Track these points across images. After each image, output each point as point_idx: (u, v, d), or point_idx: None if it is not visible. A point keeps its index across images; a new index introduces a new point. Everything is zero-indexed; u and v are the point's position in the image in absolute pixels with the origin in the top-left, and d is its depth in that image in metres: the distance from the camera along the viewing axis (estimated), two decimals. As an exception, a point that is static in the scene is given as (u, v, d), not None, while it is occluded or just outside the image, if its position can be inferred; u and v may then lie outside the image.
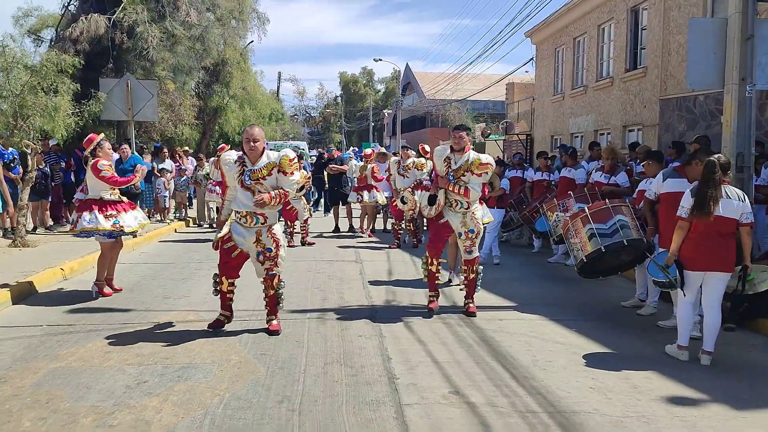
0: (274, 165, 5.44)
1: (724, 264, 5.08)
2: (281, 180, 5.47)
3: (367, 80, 67.97)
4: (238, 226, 5.57)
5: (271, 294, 5.68)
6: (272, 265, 5.61)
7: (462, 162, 6.32)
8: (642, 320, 6.43)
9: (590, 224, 6.61)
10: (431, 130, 43.37)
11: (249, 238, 5.54)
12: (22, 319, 6.16)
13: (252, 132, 5.39)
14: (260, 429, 3.73)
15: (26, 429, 3.71)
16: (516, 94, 25.85)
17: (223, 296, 5.78)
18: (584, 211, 6.75)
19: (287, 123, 45.46)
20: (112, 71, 14.47)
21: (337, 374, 4.67)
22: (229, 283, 5.74)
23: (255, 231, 5.53)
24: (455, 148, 6.37)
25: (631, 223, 6.52)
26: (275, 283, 5.67)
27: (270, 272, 5.62)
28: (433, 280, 6.56)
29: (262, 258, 5.59)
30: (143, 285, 7.75)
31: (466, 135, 6.37)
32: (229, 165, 5.53)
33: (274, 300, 5.70)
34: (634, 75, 14.72)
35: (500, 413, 4.00)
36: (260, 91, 27.30)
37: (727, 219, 5.04)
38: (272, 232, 5.58)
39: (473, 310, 6.44)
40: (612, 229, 6.46)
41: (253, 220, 5.48)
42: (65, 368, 4.73)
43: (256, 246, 5.56)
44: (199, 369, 4.74)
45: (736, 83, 6.88)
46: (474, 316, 6.33)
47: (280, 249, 5.62)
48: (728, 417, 4.01)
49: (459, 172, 6.31)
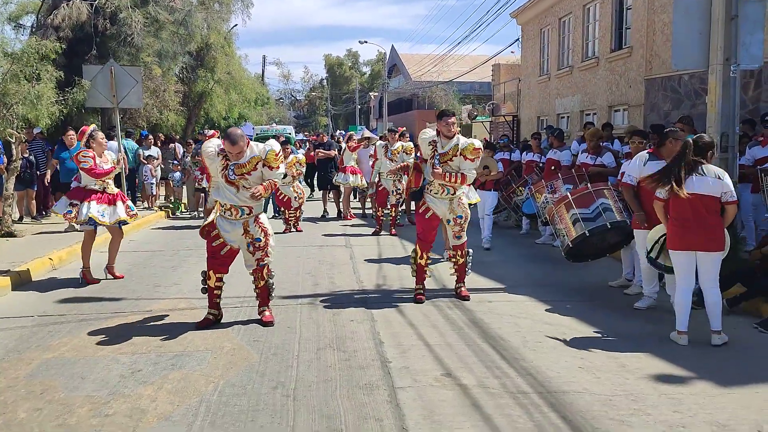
0: (260, 159, 5.32)
1: (710, 243, 5.10)
2: (267, 174, 5.39)
3: (352, 63, 67.58)
4: (223, 221, 5.46)
5: (262, 285, 5.62)
6: (263, 255, 5.54)
7: (450, 147, 6.18)
8: (629, 300, 6.52)
9: (573, 209, 6.71)
10: (418, 113, 43.25)
11: (236, 230, 5.46)
12: (12, 309, 6.15)
13: (230, 140, 5.14)
14: (256, 415, 3.78)
15: (22, 420, 3.72)
16: (502, 76, 25.83)
17: (211, 293, 5.58)
18: (567, 196, 6.84)
19: (273, 107, 45.15)
20: (96, 58, 14.28)
21: (330, 359, 4.72)
22: (217, 279, 5.56)
23: (242, 223, 5.44)
24: (447, 135, 6.22)
25: (614, 206, 6.60)
26: (265, 273, 5.61)
27: (261, 262, 5.55)
28: (421, 273, 6.47)
29: (252, 249, 5.51)
30: (133, 273, 7.74)
31: (455, 120, 6.29)
32: (211, 158, 5.36)
33: (265, 291, 5.65)
34: (619, 55, 14.76)
35: (492, 394, 4.07)
36: (245, 75, 27.08)
37: (704, 196, 5.05)
38: (259, 222, 5.51)
39: (466, 294, 6.44)
40: (595, 213, 6.57)
41: (238, 212, 5.39)
42: (58, 358, 4.74)
43: (245, 237, 5.48)
44: (192, 357, 4.77)
45: (720, 63, 6.93)
46: (468, 300, 6.34)
47: (269, 238, 5.56)
48: (714, 394, 4.11)
49: (446, 156, 6.18)
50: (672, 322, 5.72)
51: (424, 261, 6.43)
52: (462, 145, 6.17)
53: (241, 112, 27.01)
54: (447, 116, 6.29)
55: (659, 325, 5.62)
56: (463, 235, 6.44)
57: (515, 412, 3.82)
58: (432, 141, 6.29)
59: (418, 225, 6.54)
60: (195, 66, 20.93)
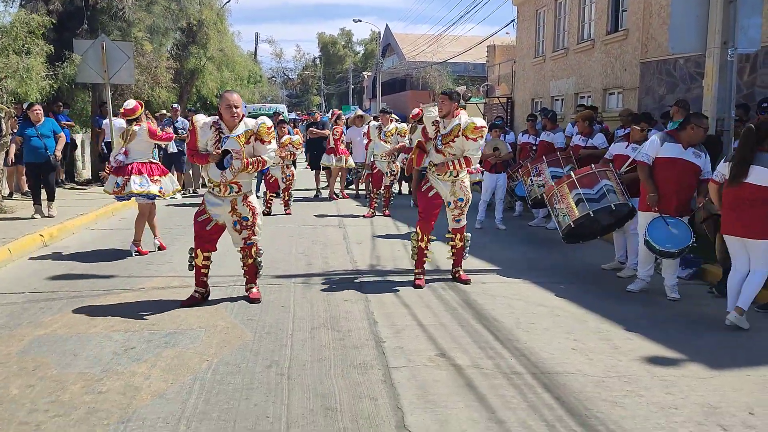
0: (252, 133, 5.30)
1: (761, 232, 5.04)
2: (258, 148, 5.35)
3: (346, 42, 67.03)
4: (212, 197, 5.42)
5: (250, 263, 5.60)
6: (250, 234, 5.50)
7: (452, 126, 6.03)
8: (622, 282, 6.54)
9: (577, 189, 6.69)
10: (412, 93, 43.03)
11: (224, 207, 5.40)
12: (2, 286, 6.10)
13: (232, 98, 5.24)
14: (250, 393, 3.77)
15: (14, 396, 3.70)
16: (497, 57, 25.67)
17: (198, 271, 5.55)
18: (571, 176, 6.83)
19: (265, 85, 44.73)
20: (87, 32, 14.04)
21: (325, 338, 4.72)
22: (204, 257, 5.52)
23: (230, 200, 5.38)
24: (439, 113, 6.14)
25: (617, 188, 6.60)
26: (254, 251, 5.58)
27: (248, 241, 5.52)
28: (421, 256, 6.32)
29: (239, 227, 5.46)
30: (125, 250, 7.68)
31: (449, 100, 6.07)
32: (203, 129, 5.31)
33: (253, 269, 5.63)
34: (615, 38, 14.67)
35: (485, 375, 4.08)
36: (238, 52, 26.71)
37: (761, 187, 4.99)
38: (248, 201, 5.45)
39: (466, 278, 6.36)
40: (599, 194, 6.56)
41: (227, 189, 5.32)
42: (51, 335, 4.72)
43: (232, 215, 5.42)
44: (186, 335, 4.76)
45: (718, 47, 6.92)
46: (468, 283, 6.27)
47: (257, 217, 5.51)
48: (706, 376, 4.14)
49: (448, 137, 6.04)
50: (665, 305, 5.78)
51: (424, 243, 6.29)
52: (463, 125, 6.00)
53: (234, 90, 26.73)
54: (442, 94, 6.18)
55: (652, 308, 5.66)
56: (463, 218, 6.34)
57: (509, 392, 3.83)
58: (435, 121, 6.18)
59: (420, 204, 6.41)
60: (187, 43, 20.63)
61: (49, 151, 9.29)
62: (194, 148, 5.39)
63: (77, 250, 7.73)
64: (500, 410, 3.59)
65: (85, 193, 12.59)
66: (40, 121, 9.48)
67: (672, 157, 5.82)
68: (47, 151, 9.26)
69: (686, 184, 5.87)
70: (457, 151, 6.08)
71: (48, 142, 9.34)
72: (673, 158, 5.81)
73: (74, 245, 8.01)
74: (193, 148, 5.40)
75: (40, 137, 9.31)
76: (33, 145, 9.36)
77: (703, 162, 5.86)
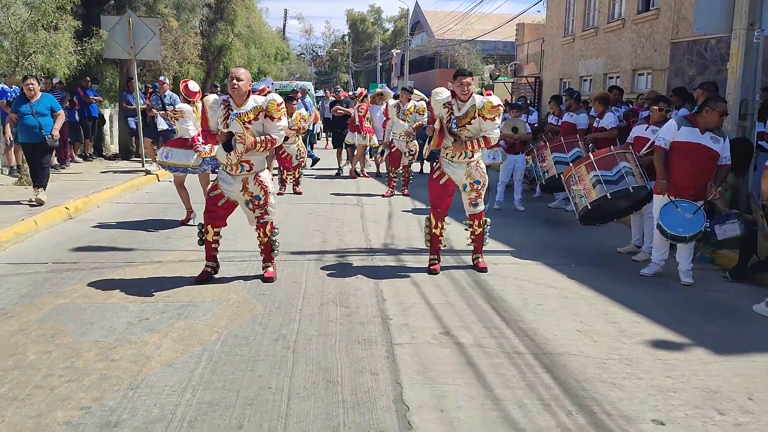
0: (261, 109, 5.25)
1: None
2: (268, 125, 5.29)
3: (375, 19, 66.47)
4: (225, 174, 5.42)
5: (265, 242, 5.61)
6: (262, 213, 5.49)
7: (467, 108, 5.72)
8: (637, 266, 6.50)
9: (595, 171, 6.65)
10: (440, 71, 42.68)
11: (235, 185, 5.39)
12: (27, 256, 6.32)
13: (236, 71, 5.21)
14: (255, 365, 3.88)
15: (31, 362, 3.87)
16: (526, 35, 25.32)
17: (209, 246, 5.59)
18: (589, 157, 6.80)
19: (293, 62, 44.82)
20: (114, 8, 14.24)
21: (333, 314, 4.81)
22: (214, 233, 5.56)
23: (241, 179, 5.36)
24: (462, 98, 5.74)
25: (635, 170, 6.54)
26: (268, 230, 5.57)
27: (261, 220, 5.51)
28: (435, 243, 6.14)
29: (251, 206, 5.46)
30: (148, 224, 7.88)
31: (471, 79, 5.80)
32: (213, 108, 5.33)
33: (268, 248, 5.63)
34: (646, 17, 14.38)
35: (487, 353, 4.14)
36: (265, 29, 26.81)
37: None
38: (259, 179, 5.41)
39: (483, 266, 6.11)
40: (618, 176, 6.52)
41: (238, 168, 5.30)
42: (69, 304, 4.89)
43: (244, 194, 5.41)
44: (199, 307, 4.89)
45: (744, 28, 6.77)
46: (485, 271, 6.03)
47: (269, 196, 5.48)
48: (709, 361, 4.13)
49: (464, 119, 5.74)
50: (677, 290, 5.75)
51: (438, 230, 6.10)
52: (479, 105, 5.69)
53: (261, 67, 26.81)
54: (462, 76, 5.77)
55: (664, 292, 5.64)
56: (480, 202, 6.08)
57: (508, 371, 3.88)
58: (447, 103, 5.84)
59: (431, 192, 6.12)
60: (215, 19, 20.75)
61: (45, 130, 8.50)
62: (207, 129, 5.43)
63: (101, 222, 7.94)
64: (498, 388, 3.65)
65: (112, 167, 12.85)
66: (36, 97, 8.64)
67: (688, 142, 5.74)
68: (42, 130, 8.47)
69: (702, 168, 5.78)
70: (474, 132, 5.79)
71: (44, 121, 8.54)
72: (690, 143, 5.74)
73: (98, 218, 8.23)
74: (206, 129, 5.44)
75: (34, 115, 8.52)
76: (27, 123, 8.52)
77: (721, 147, 5.75)
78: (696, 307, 5.26)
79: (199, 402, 3.42)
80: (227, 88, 5.34)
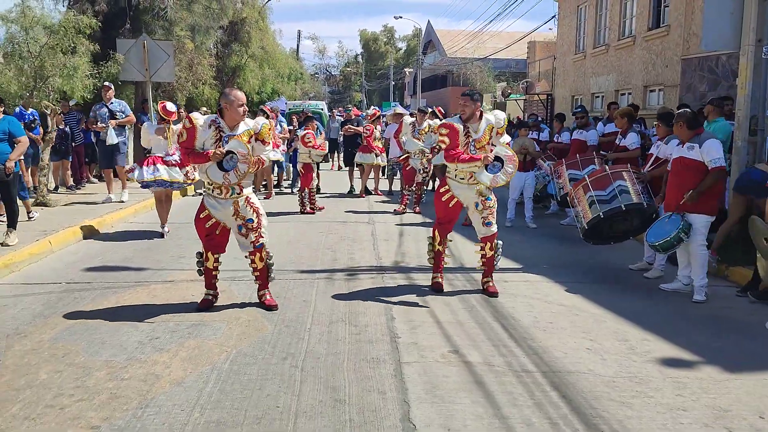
0: (253, 133, 5.15)
1: None
2: (258, 148, 5.19)
3: (387, 38, 67.11)
4: (212, 200, 5.21)
5: (261, 267, 5.36)
6: (257, 237, 5.27)
7: (484, 129, 5.64)
8: (648, 283, 6.47)
9: (590, 192, 6.73)
10: (452, 89, 42.86)
11: (226, 210, 5.20)
12: (42, 276, 6.40)
13: (241, 96, 5.08)
14: (264, 384, 3.90)
15: (43, 381, 3.92)
16: (538, 53, 25.41)
17: (209, 274, 5.43)
18: (585, 179, 6.86)
19: (307, 82, 45.22)
20: (130, 32, 14.51)
21: (342, 333, 4.82)
22: (215, 260, 5.41)
23: (231, 202, 5.18)
24: (462, 116, 5.67)
25: (632, 188, 6.56)
26: (264, 254, 5.35)
27: (257, 244, 5.28)
28: (439, 260, 6.05)
29: (244, 231, 5.25)
30: (159, 244, 7.96)
31: (471, 100, 5.61)
32: (203, 127, 5.08)
33: (264, 273, 5.39)
34: (656, 34, 14.40)
35: (496, 372, 4.13)
36: (279, 50, 27.22)
37: None
38: (250, 202, 5.24)
39: (494, 290, 5.87)
40: (611, 195, 6.58)
41: (228, 191, 5.15)
42: (82, 324, 4.95)
43: (236, 219, 5.22)
44: (208, 326, 4.93)
45: (752, 45, 6.77)
46: (496, 296, 5.80)
47: (262, 218, 5.30)
48: (720, 378, 4.09)
49: (482, 141, 5.62)
50: (689, 306, 5.70)
51: (442, 247, 6.01)
52: (496, 123, 5.71)
53: (275, 87, 27.14)
54: (463, 96, 5.70)
55: (675, 309, 5.59)
56: (493, 222, 5.84)
57: (517, 390, 3.87)
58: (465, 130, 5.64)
59: (438, 209, 5.99)
60: (229, 40, 21.12)
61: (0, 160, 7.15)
62: (190, 147, 5.11)
63: (114, 242, 8.04)
64: (506, 407, 3.63)
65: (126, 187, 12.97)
66: None
67: (673, 156, 6.07)
68: None
69: (682, 179, 5.90)
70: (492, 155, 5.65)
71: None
72: (674, 156, 6.06)
73: (112, 238, 8.32)
74: (189, 147, 5.12)
75: None
76: None
77: (698, 153, 5.79)
78: (707, 324, 5.21)
79: (207, 421, 3.44)
80: (221, 111, 5.11)
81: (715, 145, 5.76)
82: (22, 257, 6.78)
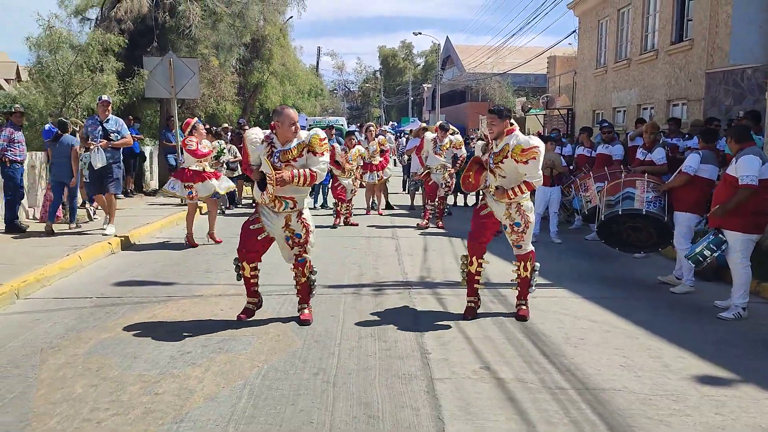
0: (305, 145, 5.18)
1: None
2: (311, 160, 5.19)
3: (406, 54, 67.47)
4: (266, 210, 5.32)
5: (303, 282, 5.47)
6: (301, 251, 5.38)
7: (502, 146, 5.40)
8: (675, 298, 6.39)
9: (606, 197, 7.17)
10: (471, 105, 42.94)
11: (277, 222, 5.31)
12: (73, 290, 6.48)
13: (291, 114, 5.15)
14: (296, 399, 3.90)
15: (79, 395, 3.95)
16: (558, 68, 25.39)
17: (248, 282, 5.50)
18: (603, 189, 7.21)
19: (326, 98, 45.55)
20: (156, 50, 14.74)
21: (371, 348, 4.81)
22: (251, 268, 5.45)
23: (284, 216, 5.29)
24: (490, 136, 5.52)
25: (639, 195, 6.65)
26: (306, 269, 5.45)
27: (299, 258, 5.39)
28: (472, 282, 5.70)
29: (291, 243, 5.36)
30: (188, 259, 8.03)
31: (498, 118, 5.38)
32: (255, 144, 5.23)
33: (306, 288, 5.49)
34: (679, 48, 14.31)
35: (529, 389, 4.09)
36: (300, 66, 27.45)
37: None
38: (302, 218, 5.33)
39: (524, 314, 5.62)
40: (616, 201, 7.06)
41: (281, 204, 5.21)
42: (114, 338, 4.99)
43: (285, 231, 5.33)
44: (239, 341, 4.94)
45: (782, 58, 6.70)
46: (525, 321, 5.55)
47: (310, 235, 5.38)
48: (759, 397, 4.02)
49: (498, 157, 5.42)
50: (722, 323, 5.62)
51: (474, 268, 5.64)
52: (512, 146, 5.31)
53: (295, 103, 27.35)
54: (489, 113, 5.54)
55: (708, 326, 5.51)
56: (524, 244, 5.60)
57: (551, 407, 3.83)
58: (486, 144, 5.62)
59: (472, 222, 5.76)
60: (251, 57, 21.32)
61: None
62: (248, 164, 5.37)
63: (142, 257, 8.12)
64: (540, 424, 3.60)
65: (152, 203, 13.14)
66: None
67: None
68: None
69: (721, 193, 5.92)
70: (508, 172, 5.40)
71: None
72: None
73: (140, 253, 8.41)
74: (246, 163, 5.40)
75: None
76: None
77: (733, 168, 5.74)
78: (743, 342, 5.13)
79: (242, 436, 3.44)
80: (274, 126, 5.20)
81: (748, 161, 5.57)
82: (53, 272, 6.87)
